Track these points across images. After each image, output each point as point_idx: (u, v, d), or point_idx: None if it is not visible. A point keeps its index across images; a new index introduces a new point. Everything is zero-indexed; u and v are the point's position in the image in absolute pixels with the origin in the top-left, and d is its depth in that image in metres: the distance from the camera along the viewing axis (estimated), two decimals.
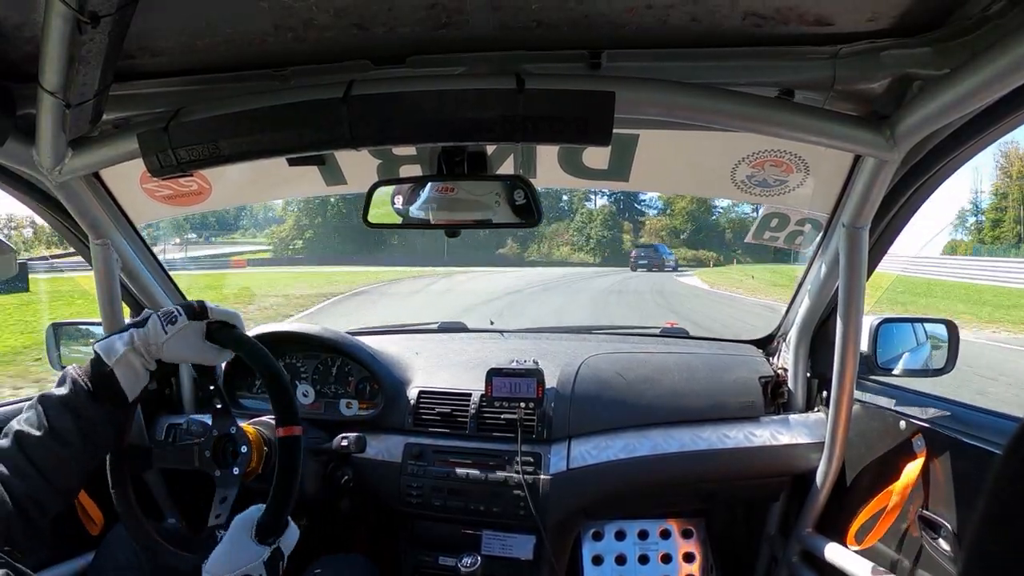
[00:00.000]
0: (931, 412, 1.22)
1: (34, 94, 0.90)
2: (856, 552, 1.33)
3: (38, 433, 0.96)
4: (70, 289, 13.36)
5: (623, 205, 47.31)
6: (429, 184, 1.12)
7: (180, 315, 1.07)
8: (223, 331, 1.12)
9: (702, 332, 2.14)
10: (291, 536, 1.08)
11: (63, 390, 1.01)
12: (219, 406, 1.22)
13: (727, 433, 1.54)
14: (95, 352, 1.04)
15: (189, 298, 1.74)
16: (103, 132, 1.11)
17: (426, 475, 1.55)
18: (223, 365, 1.70)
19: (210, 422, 1.24)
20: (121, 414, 1.09)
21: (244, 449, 1.22)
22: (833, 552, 1.39)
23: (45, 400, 1.01)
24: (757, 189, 1.41)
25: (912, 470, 1.17)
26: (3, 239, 0.96)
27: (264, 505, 1.06)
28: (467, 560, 1.41)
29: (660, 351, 1.81)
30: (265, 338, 1.66)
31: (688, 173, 1.47)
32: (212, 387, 1.22)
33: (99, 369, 1.03)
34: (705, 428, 1.55)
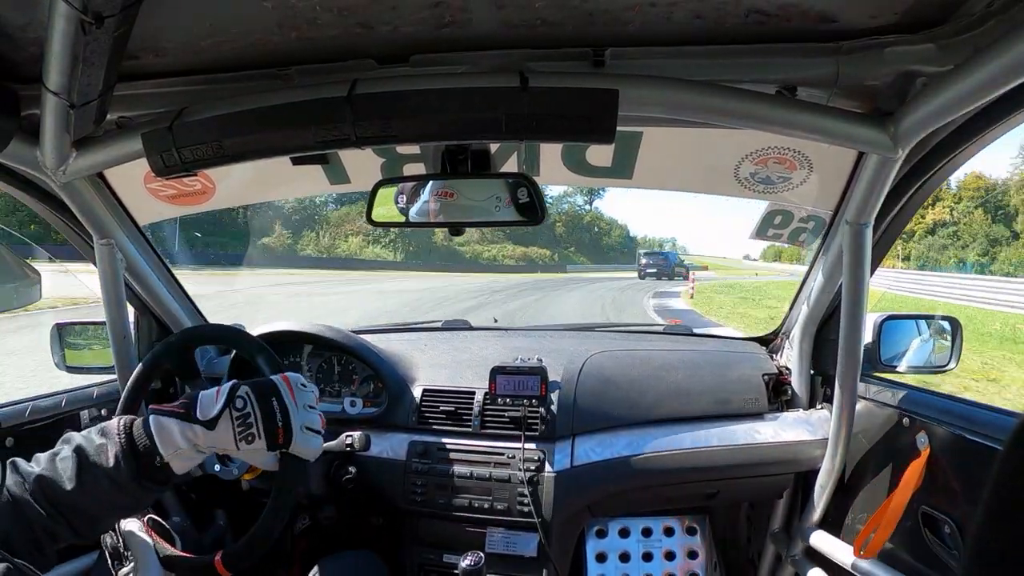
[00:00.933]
0: (935, 409, 1.21)
1: (38, 95, 0.90)
2: (860, 548, 1.33)
3: (68, 487, 0.88)
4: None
5: None
6: (430, 187, 1.12)
7: (259, 439, 0.95)
8: (291, 463, 1.03)
9: None
10: None
11: (106, 459, 0.90)
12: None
13: (731, 430, 1.54)
14: (149, 427, 0.92)
15: None
16: (107, 132, 1.11)
17: (430, 473, 1.55)
18: (227, 367, 1.71)
19: None
20: (164, 489, 1.01)
21: (236, 472, 1.22)
22: (837, 548, 1.39)
23: (82, 456, 0.90)
24: (760, 186, 1.41)
25: (915, 467, 1.17)
26: (28, 263, 0.89)
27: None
28: (471, 558, 1.42)
29: (663, 348, 1.81)
30: (269, 337, 1.66)
31: (692, 170, 1.47)
32: None
33: (151, 460, 0.92)
34: (709, 425, 1.55)
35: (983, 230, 40.12)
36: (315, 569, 1.32)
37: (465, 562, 1.35)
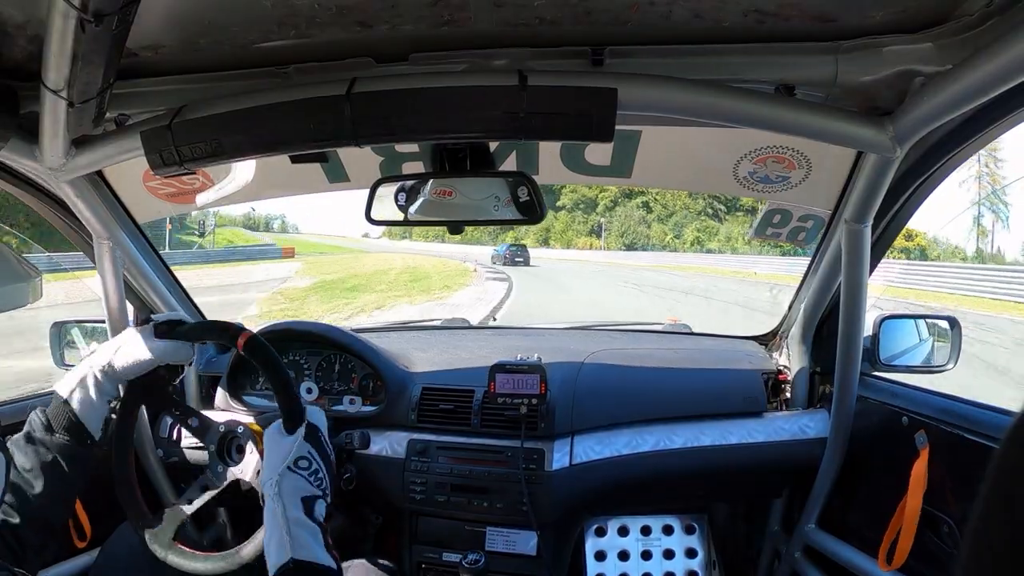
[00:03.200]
0: (933, 408, 1.21)
1: (37, 93, 0.90)
2: (858, 547, 1.33)
3: (10, 476, 0.98)
4: None
5: None
6: (429, 185, 1.12)
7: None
8: (170, 327, 1.14)
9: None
10: (316, 416, 1.11)
11: (28, 432, 1.06)
12: (177, 413, 1.26)
13: (730, 429, 1.54)
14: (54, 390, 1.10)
15: None
16: (106, 130, 1.11)
17: (429, 471, 1.55)
18: (228, 365, 1.71)
19: (213, 419, 1.25)
20: (85, 451, 1.11)
21: (251, 450, 1.22)
22: (835, 547, 1.39)
23: (16, 446, 1.05)
24: (759, 185, 1.41)
25: (920, 468, 1.17)
26: (29, 260, 0.94)
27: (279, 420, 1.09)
28: (471, 556, 1.42)
29: (663, 347, 1.81)
30: (269, 335, 1.66)
31: (691, 169, 1.47)
32: (172, 392, 1.27)
33: (56, 402, 1.09)
34: (708, 424, 1.55)
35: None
36: None
37: (467, 559, 1.36)
